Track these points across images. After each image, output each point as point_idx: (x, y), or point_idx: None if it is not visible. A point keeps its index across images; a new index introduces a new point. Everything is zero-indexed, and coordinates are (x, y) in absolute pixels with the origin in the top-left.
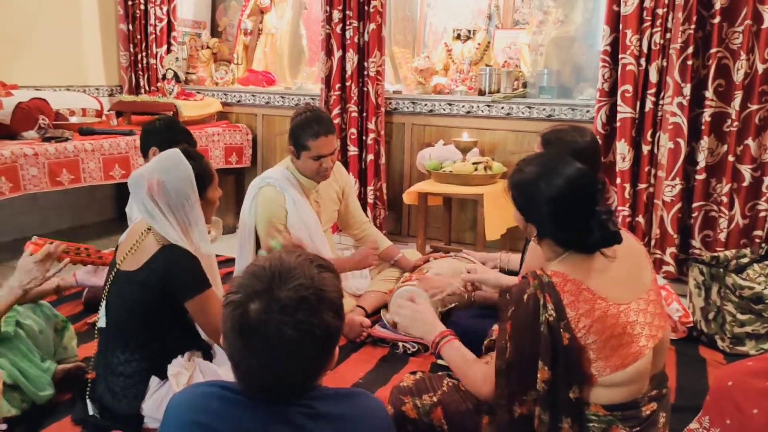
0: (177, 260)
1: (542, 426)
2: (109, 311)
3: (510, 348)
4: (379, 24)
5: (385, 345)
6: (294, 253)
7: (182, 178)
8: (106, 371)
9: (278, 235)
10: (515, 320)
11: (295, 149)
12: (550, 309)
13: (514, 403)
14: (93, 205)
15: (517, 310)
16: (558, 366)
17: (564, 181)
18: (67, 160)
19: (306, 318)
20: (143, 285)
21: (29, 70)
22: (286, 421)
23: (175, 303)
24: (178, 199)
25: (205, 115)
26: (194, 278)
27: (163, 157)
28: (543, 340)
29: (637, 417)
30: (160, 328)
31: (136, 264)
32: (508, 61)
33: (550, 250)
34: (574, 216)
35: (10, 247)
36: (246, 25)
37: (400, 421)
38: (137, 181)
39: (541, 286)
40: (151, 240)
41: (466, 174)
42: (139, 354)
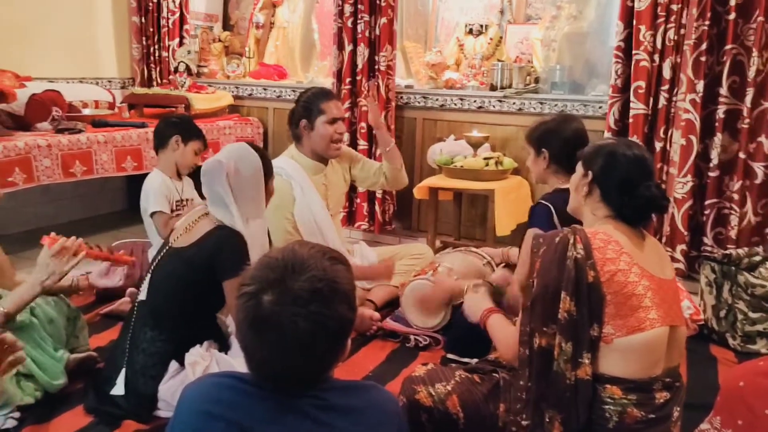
0: (227, 239)
1: (562, 355)
2: (151, 286)
3: (536, 283)
4: (390, 18)
5: (395, 339)
6: (307, 245)
7: (253, 167)
8: (132, 345)
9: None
10: (544, 257)
11: (308, 120)
12: (579, 248)
13: (535, 335)
14: (104, 197)
15: (547, 249)
16: (581, 301)
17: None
18: (80, 151)
19: (319, 309)
20: (191, 261)
21: (43, 61)
22: (297, 412)
23: (216, 281)
24: (249, 186)
25: (216, 109)
26: (239, 259)
27: (233, 147)
28: (568, 274)
29: (651, 403)
30: (193, 312)
31: (188, 241)
32: (520, 57)
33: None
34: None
35: (24, 238)
36: (258, 18)
37: (413, 410)
38: (214, 166)
39: (572, 230)
40: (206, 221)
41: (477, 169)
42: (166, 335)
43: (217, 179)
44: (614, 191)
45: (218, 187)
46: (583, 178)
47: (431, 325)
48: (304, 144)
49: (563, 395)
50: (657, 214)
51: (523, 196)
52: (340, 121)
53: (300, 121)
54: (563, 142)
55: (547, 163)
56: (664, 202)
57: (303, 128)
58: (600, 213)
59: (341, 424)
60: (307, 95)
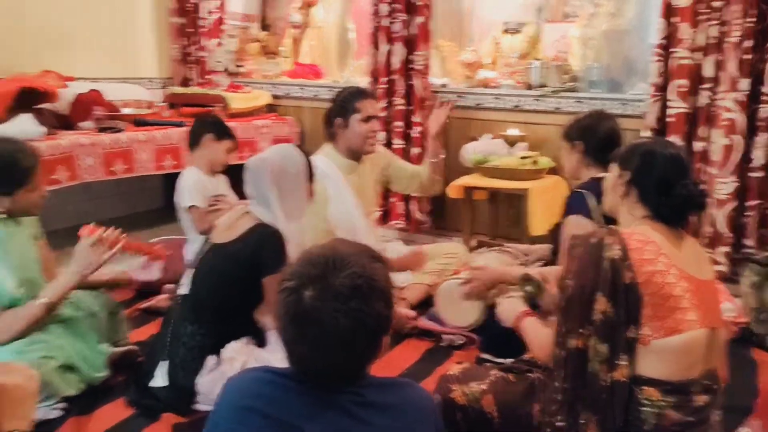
0: (269, 237)
1: (597, 357)
2: (193, 280)
3: (571, 284)
4: (426, 17)
5: (430, 338)
6: (346, 243)
7: (298, 167)
8: (173, 338)
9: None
10: (580, 258)
11: (344, 119)
12: (616, 249)
13: (570, 336)
14: (143, 195)
15: (584, 249)
16: (618, 301)
17: (675, 150)
18: (121, 150)
19: (358, 306)
20: (233, 257)
21: (86, 62)
22: (335, 407)
23: (256, 279)
24: (291, 185)
25: (253, 108)
26: (280, 257)
27: (278, 147)
28: (604, 275)
29: (689, 406)
30: (234, 307)
31: (230, 237)
32: (557, 55)
33: (629, 210)
34: (675, 181)
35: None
36: (294, 18)
37: (448, 408)
38: (259, 164)
39: (609, 231)
40: (248, 219)
41: (512, 168)
42: (206, 329)
43: (262, 177)
44: (651, 191)
45: (262, 185)
46: (619, 178)
47: (466, 325)
48: (339, 142)
49: (599, 397)
50: (696, 212)
51: (560, 195)
52: (374, 119)
53: (335, 120)
54: (596, 135)
55: (580, 156)
56: (702, 199)
57: (338, 126)
58: (637, 213)
59: (379, 421)
60: (344, 94)
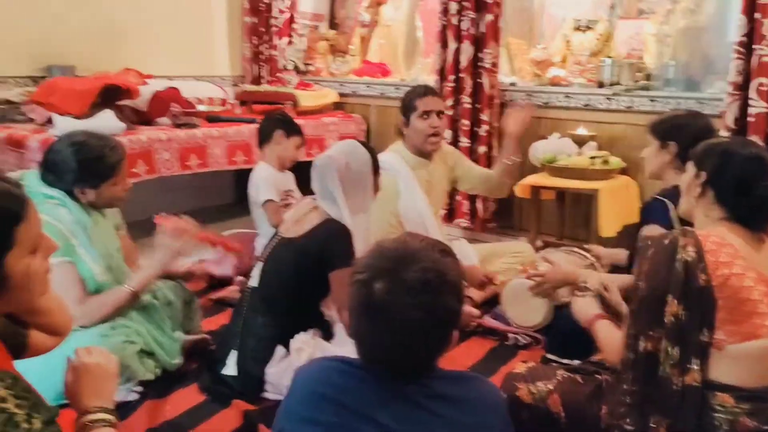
0: (336, 232)
1: (669, 360)
2: (263, 274)
3: (643, 286)
4: (496, 15)
5: (494, 336)
6: (418, 237)
7: (364, 163)
8: (244, 329)
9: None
10: (652, 259)
11: (406, 117)
12: (690, 251)
13: (640, 338)
14: (214, 189)
15: (656, 251)
16: (690, 304)
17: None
18: (196, 145)
19: (429, 300)
20: (301, 251)
21: (163, 60)
22: (405, 398)
23: (324, 273)
24: (358, 181)
25: (321, 105)
26: (346, 252)
27: (343, 144)
28: (676, 277)
29: (765, 413)
30: (303, 299)
31: (298, 232)
32: (630, 53)
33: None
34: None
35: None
36: (363, 17)
37: (514, 406)
38: (327, 162)
39: (683, 233)
40: (315, 214)
41: (582, 168)
42: (275, 321)
43: (329, 174)
44: (729, 192)
45: (329, 182)
46: (695, 178)
47: (531, 324)
48: (406, 140)
49: (669, 401)
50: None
51: (631, 196)
52: (434, 115)
53: (402, 118)
54: (693, 138)
55: (671, 158)
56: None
57: (403, 124)
58: (714, 215)
59: (447, 413)
60: (408, 92)
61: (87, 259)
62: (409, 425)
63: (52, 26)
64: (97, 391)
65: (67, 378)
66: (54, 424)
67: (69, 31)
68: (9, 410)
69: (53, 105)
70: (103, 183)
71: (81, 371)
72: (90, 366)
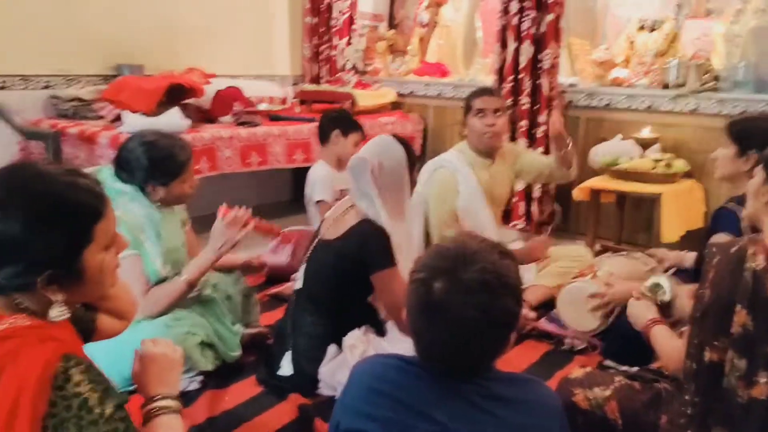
0: (373, 234)
1: (734, 371)
2: (306, 275)
3: (708, 294)
4: (557, 15)
5: (549, 340)
6: (477, 238)
7: (397, 159)
8: (295, 330)
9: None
10: (718, 267)
11: (465, 117)
12: (760, 259)
13: (705, 348)
14: (272, 187)
15: (722, 259)
16: (759, 315)
17: None
18: (257, 143)
19: (487, 300)
20: (340, 253)
21: (226, 60)
22: (461, 397)
23: (364, 274)
24: (393, 181)
25: (379, 105)
26: (384, 253)
27: (376, 141)
28: (744, 286)
29: None
30: (347, 298)
31: (336, 233)
32: (698, 53)
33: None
34: None
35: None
36: (422, 17)
37: (569, 411)
38: (360, 164)
39: (752, 240)
40: (352, 214)
41: (644, 171)
42: (324, 320)
43: (362, 176)
44: None
45: (363, 184)
46: (764, 184)
47: (588, 329)
48: (468, 140)
49: (734, 413)
50: None
51: (695, 201)
52: (489, 113)
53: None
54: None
55: (750, 167)
56: None
57: (463, 124)
58: None
59: (503, 414)
60: (467, 94)
61: (153, 253)
62: (464, 424)
63: (122, 27)
64: (162, 380)
65: (135, 367)
66: (123, 410)
67: (138, 32)
68: (83, 395)
69: (122, 103)
70: (172, 181)
71: (148, 361)
72: (156, 356)
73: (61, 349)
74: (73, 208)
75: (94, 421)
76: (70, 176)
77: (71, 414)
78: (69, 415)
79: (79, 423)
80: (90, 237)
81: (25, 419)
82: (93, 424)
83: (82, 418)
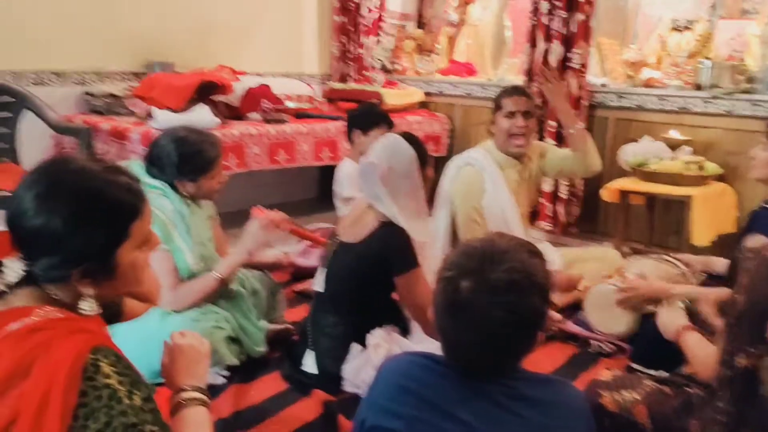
0: (394, 237)
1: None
2: (327, 278)
3: (743, 300)
4: (588, 14)
5: (576, 342)
6: (506, 237)
7: (407, 161)
8: (316, 331)
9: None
10: (752, 272)
11: (494, 116)
12: None
13: (738, 354)
14: (299, 184)
15: (759, 264)
16: None
17: None
18: (285, 141)
19: (515, 300)
20: (361, 256)
21: (255, 58)
22: (486, 396)
23: (386, 276)
24: (404, 182)
25: (407, 104)
26: (406, 255)
27: (385, 143)
28: None
29: None
30: (369, 299)
31: (356, 237)
32: (732, 54)
33: None
34: None
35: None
36: (451, 16)
37: (596, 413)
38: (368, 169)
39: None
40: (371, 216)
41: (675, 173)
42: (346, 320)
43: (372, 181)
44: None
45: (375, 189)
46: None
47: (616, 332)
48: (495, 139)
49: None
50: None
51: (727, 204)
52: (519, 115)
53: (492, 117)
54: None
55: None
56: None
57: (491, 123)
58: None
59: (529, 414)
60: (498, 92)
61: (183, 248)
62: (489, 424)
63: (153, 25)
64: (190, 372)
65: (164, 359)
66: (151, 401)
67: (169, 30)
68: (113, 386)
69: (153, 99)
70: (201, 176)
71: (176, 353)
72: (184, 348)
73: (92, 341)
74: (113, 205)
75: (123, 411)
76: (111, 173)
77: (101, 404)
78: (99, 405)
79: (109, 413)
80: (127, 234)
81: (56, 410)
82: (122, 414)
83: (113, 408)
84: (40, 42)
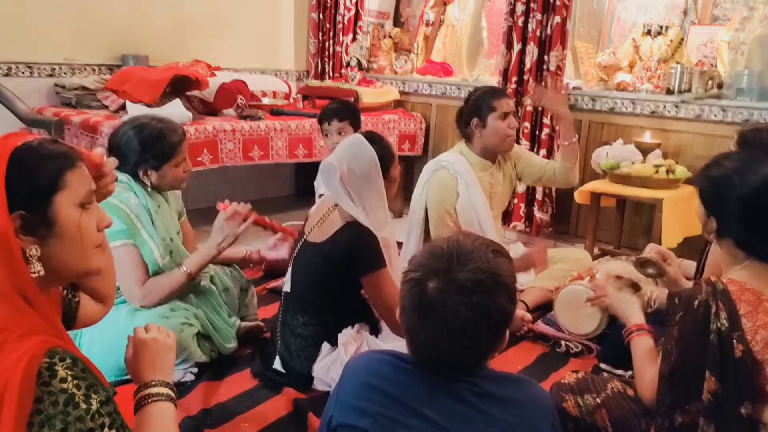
0: (359, 237)
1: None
2: (294, 277)
3: (675, 354)
4: (564, 17)
5: (545, 342)
6: (471, 237)
7: (368, 163)
8: (285, 331)
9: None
10: (682, 326)
11: (480, 119)
12: (723, 318)
13: (676, 411)
14: (275, 181)
15: (686, 316)
16: (727, 379)
17: (761, 180)
18: (259, 137)
19: (482, 300)
20: (326, 256)
21: (231, 53)
22: (453, 395)
23: (353, 277)
24: (365, 183)
25: (383, 103)
26: (372, 256)
27: (347, 144)
28: (711, 350)
29: None
30: (337, 298)
31: (322, 236)
32: (702, 60)
33: (729, 253)
34: (764, 219)
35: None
36: (428, 16)
37: (560, 417)
38: (329, 169)
39: (714, 294)
40: (336, 216)
41: (645, 176)
42: (316, 320)
43: (333, 182)
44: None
45: (335, 189)
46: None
47: (584, 332)
48: (475, 142)
49: None
50: None
51: (694, 207)
52: (511, 115)
53: (471, 120)
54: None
55: None
56: None
57: (474, 127)
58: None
59: (495, 412)
60: (478, 94)
61: (150, 242)
62: (456, 421)
63: (128, 16)
64: (155, 366)
65: (128, 353)
66: (110, 404)
67: (144, 22)
68: (69, 390)
69: (126, 93)
70: (164, 164)
71: (140, 346)
72: (148, 341)
73: (47, 343)
74: (47, 154)
75: (80, 416)
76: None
77: (57, 410)
78: (55, 412)
79: (65, 419)
80: (61, 183)
81: (11, 416)
82: (79, 419)
83: (69, 414)
84: (11, 33)
